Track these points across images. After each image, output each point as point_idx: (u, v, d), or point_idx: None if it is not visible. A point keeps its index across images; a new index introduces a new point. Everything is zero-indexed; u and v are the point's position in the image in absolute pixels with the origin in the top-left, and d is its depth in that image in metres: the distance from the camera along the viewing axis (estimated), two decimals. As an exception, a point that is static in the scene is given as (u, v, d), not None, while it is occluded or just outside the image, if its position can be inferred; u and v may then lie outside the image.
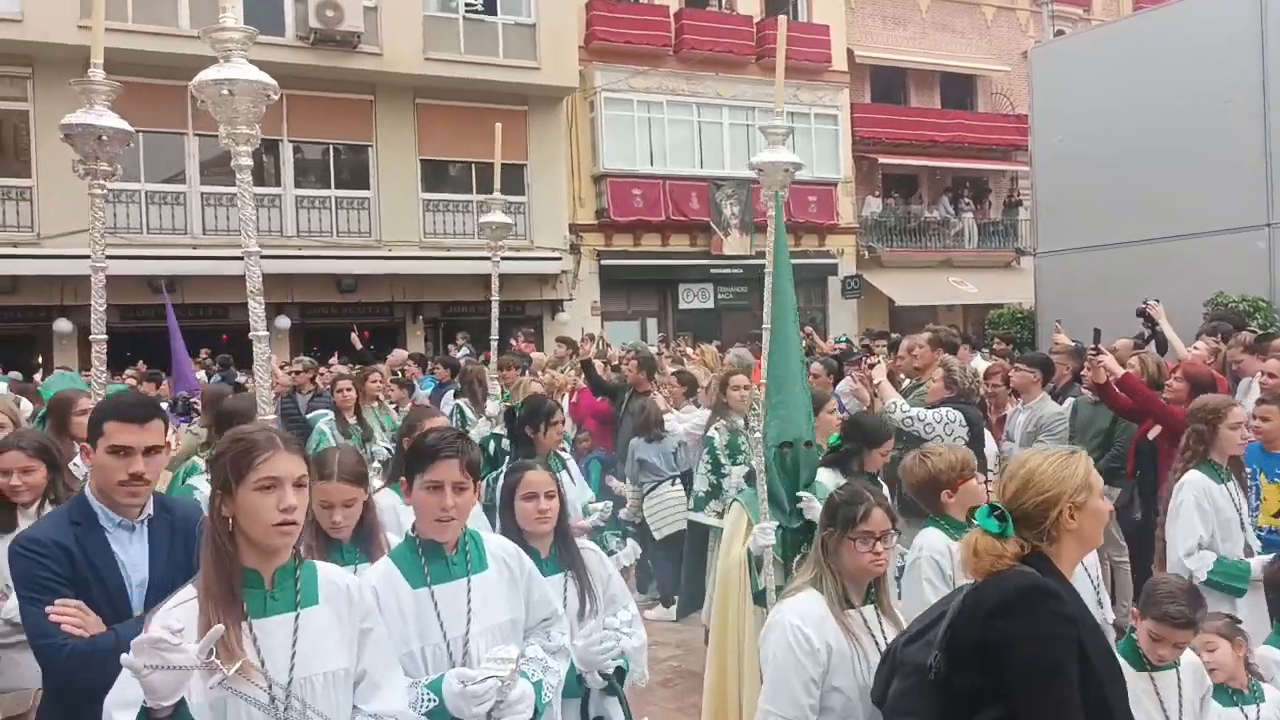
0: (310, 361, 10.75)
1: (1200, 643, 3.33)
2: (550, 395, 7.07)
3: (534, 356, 11.55)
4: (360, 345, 12.65)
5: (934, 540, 3.46)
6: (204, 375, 12.17)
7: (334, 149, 19.13)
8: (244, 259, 2.95)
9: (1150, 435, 5.86)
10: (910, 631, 2.51)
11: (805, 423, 4.22)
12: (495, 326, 6.49)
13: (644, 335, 20.65)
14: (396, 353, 13.05)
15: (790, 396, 4.16)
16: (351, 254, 18.49)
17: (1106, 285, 11.08)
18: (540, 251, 20.07)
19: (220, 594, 2.16)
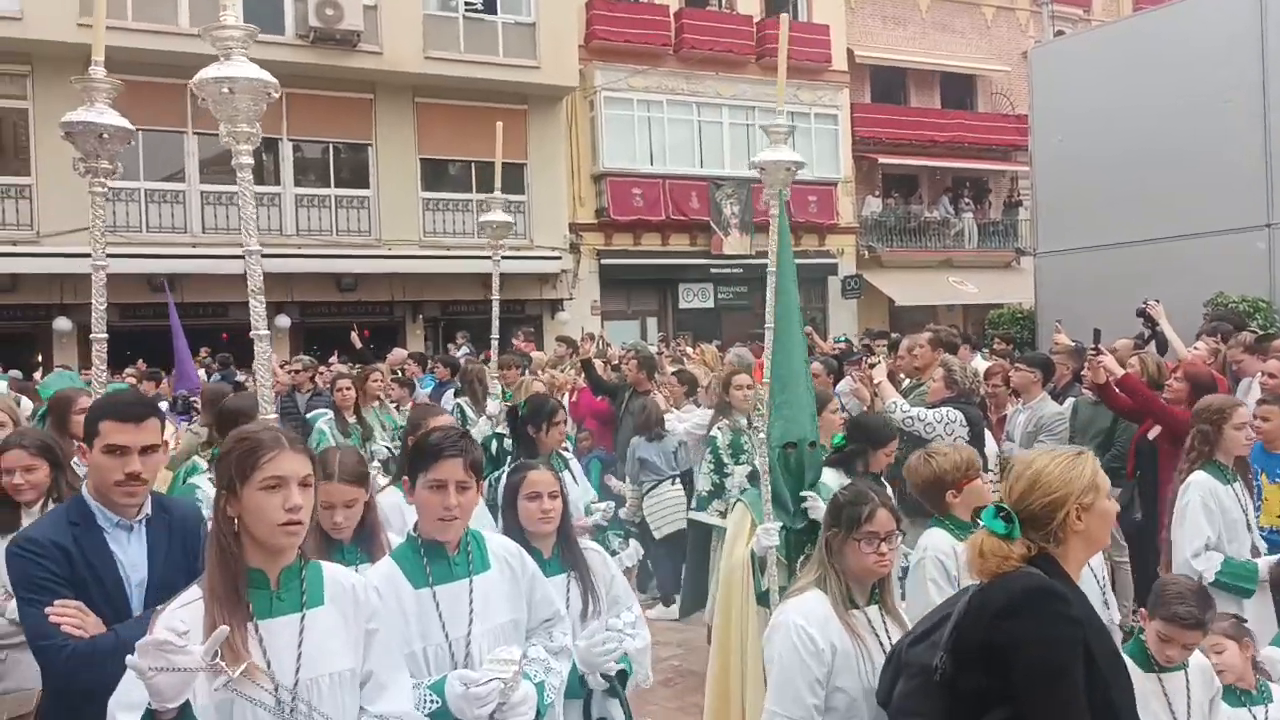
0: (309, 360, 10.74)
1: (1208, 644, 3.32)
2: (551, 395, 7.05)
3: (534, 356, 11.54)
4: (360, 344, 12.65)
5: (939, 540, 3.44)
6: (204, 374, 12.14)
7: (333, 148, 19.11)
8: (245, 258, 2.94)
9: (1150, 435, 5.84)
10: (915, 633, 2.50)
11: (809, 423, 4.21)
12: (496, 326, 6.49)
13: (644, 335, 20.63)
14: (396, 352, 13.05)
15: (794, 396, 4.15)
16: (351, 253, 18.48)
17: (1106, 285, 11.07)
18: (540, 251, 20.06)
19: (226, 594, 2.15)
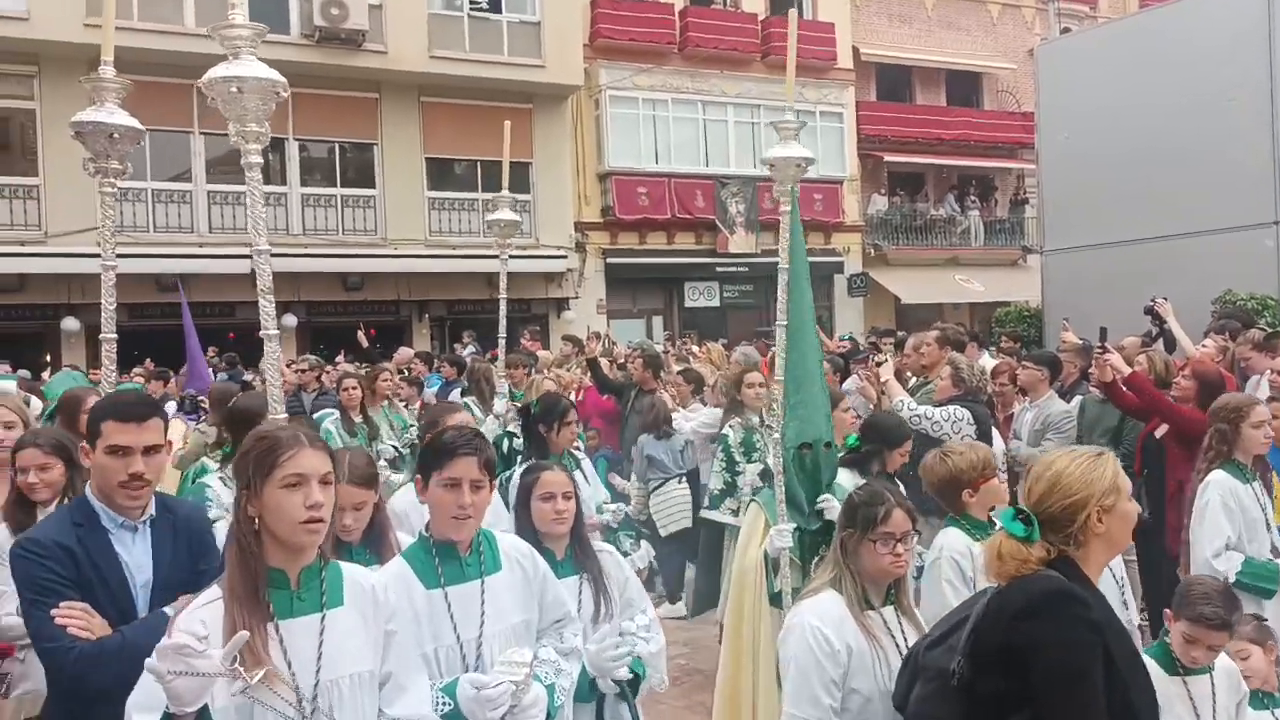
0: (315, 360, 10.75)
1: (1233, 649, 3.28)
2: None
3: (540, 355, 11.54)
4: (366, 343, 12.65)
5: (955, 540, 3.41)
6: (211, 373, 12.15)
7: (339, 147, 19.11)
8: (253, 257, 2.93)
9: (1157, 433, 5.81)
10: (932, 636, 2.48)
11: (824, 424, 4.18)
12: (503, 325, 6.48)
13: (649, 334, 20.61)
14: (402, 351, 13.06)
15: (809, 396, 4.13)
16: (357, 252, 18.49)
17: (1113, 283, 11.02)
18: (545, 250, 20.04)
19: (246, 595, 2.14)
